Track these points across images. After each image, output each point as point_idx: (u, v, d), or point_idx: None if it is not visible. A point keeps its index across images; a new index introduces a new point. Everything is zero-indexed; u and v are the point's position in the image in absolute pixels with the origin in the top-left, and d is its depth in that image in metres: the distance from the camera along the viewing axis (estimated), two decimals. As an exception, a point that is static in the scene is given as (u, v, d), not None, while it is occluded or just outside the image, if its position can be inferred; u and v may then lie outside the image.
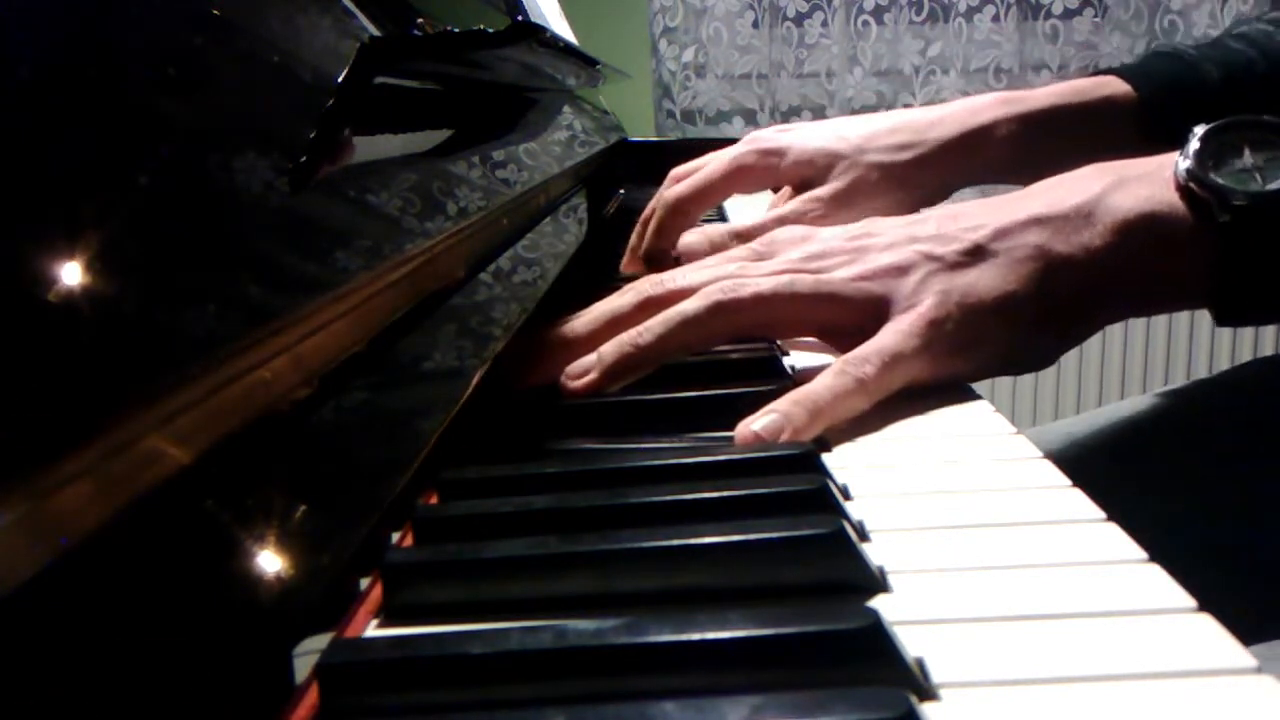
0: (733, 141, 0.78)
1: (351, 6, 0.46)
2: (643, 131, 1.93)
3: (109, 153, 0.27)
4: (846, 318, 0.45)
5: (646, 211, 0.77)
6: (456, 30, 0.57)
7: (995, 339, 0.44)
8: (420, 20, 0.53)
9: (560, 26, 1.15)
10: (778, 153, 0.71)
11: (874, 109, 1.97)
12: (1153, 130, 0.64)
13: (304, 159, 0.35)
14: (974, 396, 0.45)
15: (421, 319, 0.43)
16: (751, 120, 1.99)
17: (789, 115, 1.98)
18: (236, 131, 0.34)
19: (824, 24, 1.96)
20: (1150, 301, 0.47)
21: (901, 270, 0.45)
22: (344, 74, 0.40)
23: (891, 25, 1.95)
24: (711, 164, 0.73)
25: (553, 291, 0.57)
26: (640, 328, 0.45)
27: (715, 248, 0.65)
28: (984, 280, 0.44)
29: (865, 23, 1.96)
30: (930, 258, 0.45)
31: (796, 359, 0.52)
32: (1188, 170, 0.43)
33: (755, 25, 1.99)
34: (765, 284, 0.45)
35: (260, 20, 0.39)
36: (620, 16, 1.99)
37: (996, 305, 0.43)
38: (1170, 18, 1.91)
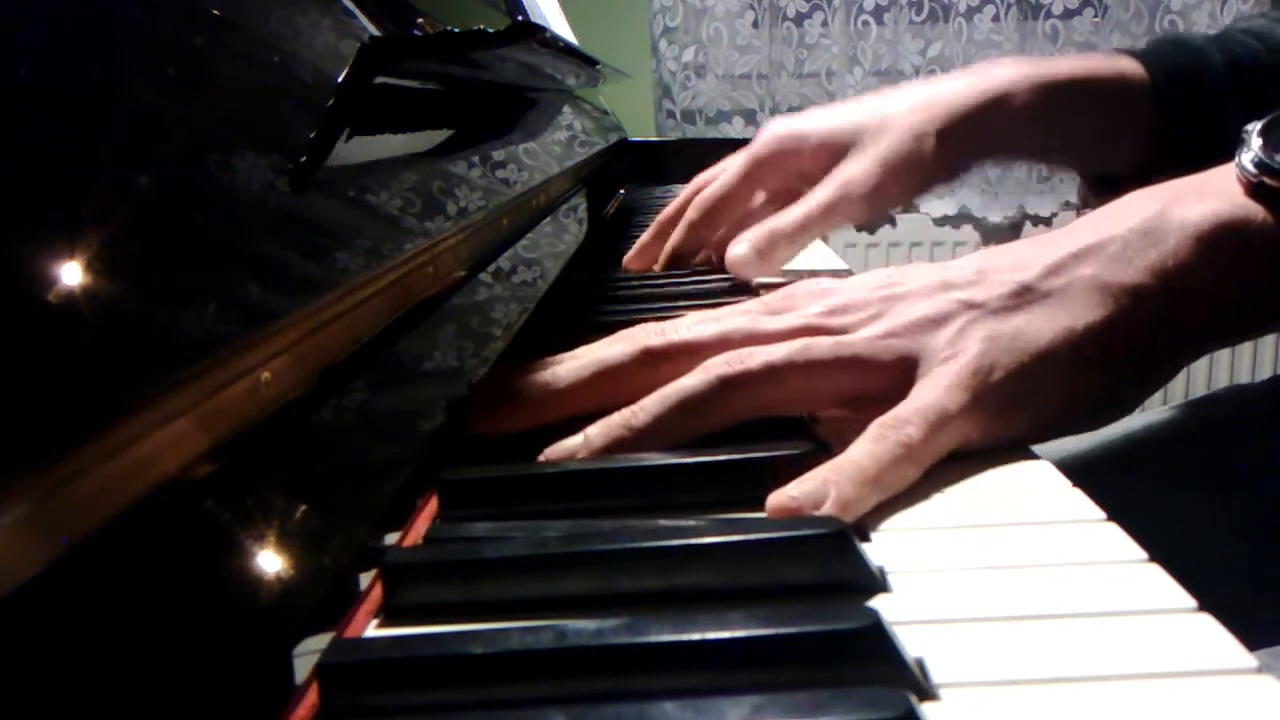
0: (734, 142, 0.77)
1: (351, 6, 0.46)
2: (643, 131, 1.93)
3: (109, 153, 0.27)
4: (873, 383, 0.39)
5: (667, 211, 0.75)
6: (456, 30, 0.57)
7: (1056, 389, 0.38)
8: (420, 20, 0.53)
9: (560, 26, 1.15)
10: (798, 138, 0.67)
11: (874, 109, 1.97)
12: (1164, 111, 0.62)
13: (304, 159, 0.35)
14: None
15: (422, 319, 0.43)
16: (751, 120, 1.99)
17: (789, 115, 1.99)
18: (236, 131, 0.34)
19: (824, 24, 1.96)
20: (1239, 324, 0.41)
21: (936, 322, 0.39)
22: (344, 74, 0.40)
23: (891, 25, 1.95)
24: (733, 164, 0.70)
25: (553, 291, 0.58)
26: (634, 408, 0.39)
27: (760, 251, 0.63)
28: (1035, 323, 0.38)
29: (865, 23, 1.96)
30: (970, 305, 0.39)
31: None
32: (1257, 163, 0.38)
33: (755, 25, 1.99)
34: (777, 352, 0.38)
35: (260, 20, 0.39)
36: (620, 16, 1.99)
37: (1053, 350, 0.37)
38: (1170, 18, 1.91)
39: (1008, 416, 0.37)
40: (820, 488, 0.33)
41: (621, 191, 1.26)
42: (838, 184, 0.64)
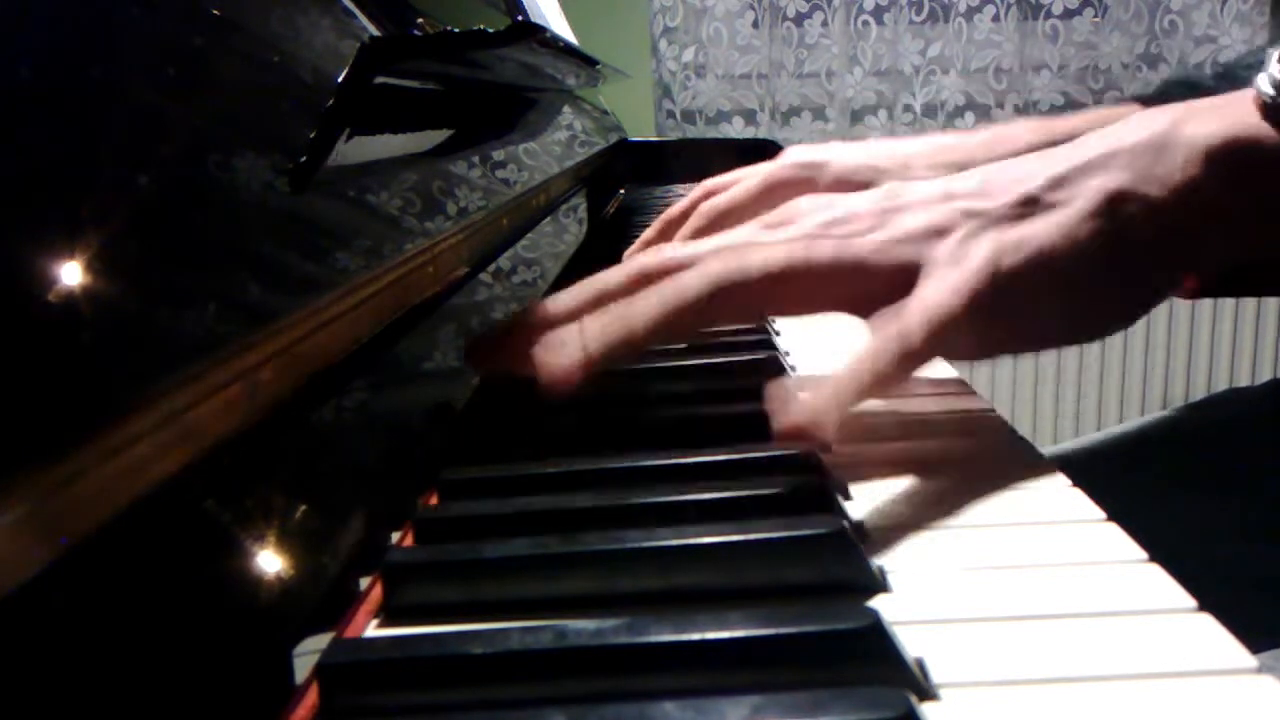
0: (733, 142, 0.78)
1: (351, 6, 0.46)
2: (643, 131, 1.93)
3: (109, 153, 0.27)
4: (874, 288, 0.39)
5: (673, 210, 0.76)
6: (456, 30, 0.57)
7: (1060, 298, 0.38)
8: (420, 20, 0.53)
9: (560, 26, 1.15)
10: (816, 166, 0.69)
11: (874, 109, 1.97)
12: None
13: (304, 159, 0.35)
14: (970, 392, 0.45)
15: (421, 319, 0.43)
16: (751, 120, 1.99)
17: (789, 115, 1.99)
18: (237, 131, 0.34)
19: (824, 24, 1.96)
20: (1246, 239, 0.40)
21: (939, 231, 0.39)
22: (344, 74, 0.40)
23: (891, 25, 1.95)
24: (748, 178, 0.72)
25: (553, 291, 0.57)
26: (628, 301, 0.39)
27: None
28: (1039, 232, 0.38)
29: (865, 23, 1.96)
30: (973, 214, 0.39)
31: (794, 350, 0.52)
32: (1275, 83, 0.38)
33: (755, 25, 1.99)
34: (777, 253, 0.39)
35: (260, 20, 0.39)
36: (620, 16, 1.99)
37: (1059, 258, 0.37)
38: (1170, 18, 1.91)
39: (1009, 324, 0.38)
40: (823, 403, 0.34)
41: (621, 191, 1.26)
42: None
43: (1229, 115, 0.39)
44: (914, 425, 0.42)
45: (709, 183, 0.75)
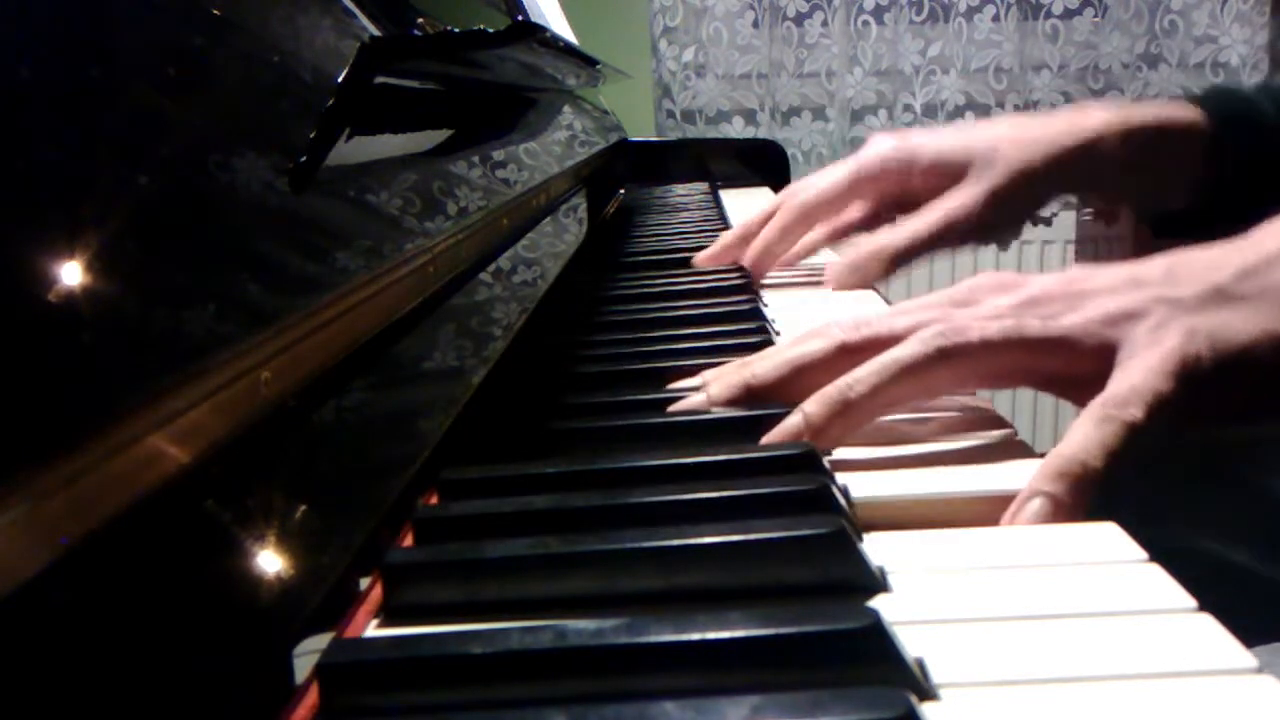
0: (734, 142, 0.79)
1: (351, 6, 0.46)
2: (643, 131, 1.93)
3: (109, 153, 0.27)
4: (1080, 365, 0.39)
5: (753, 219, 0.76)
6: (456, 30, 0.57)
7: (1259, 387, 0.38)
8: (420, 20, 0.53)
9: (560, 26, 1.15)
10: (908, 156, 0.69)
11: (874, 109, 1.97)
12: (1223, 156, 0.66)
13: (304, 159, 0.35)
14: (972, 394, 0.45)
15: (421, 319, 0.43)
16: (751, 120, 1.99)
17: (789, 115, 1.99)
18: (237, 131, 0.34)
19: (824, 24, 1.96)
20: None
21: (1133, 315, 0.39)
22: (344, 74, 0.40)
23: (891, 25, 1.95)
24: (833, 171, 0.73)
25: (553, 291, 0.58)
26: (849, 378, 0.39)
27: (858, 270, 0.67)
28: (1234, 323, 0.38)
29: (865, 23, 1.96)
30: (1165, 301, 0.39)
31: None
32: None
33: (755, 25, 1.99)
34: (992, 328, 0.39)
35: (260, 20, 0.39)
36: (620, 16, 1.99)
37: (1254, 348, 0.38)
38: (1170, 18, 1.91)
39: (1214, 403, 0.38)
40: (1049, 504, 0.34)
41: (621, 191, 1.26)
42: (945, 212, 0.66)
43: None
44: (916, 426, 0.42)
45: (789, 189, 0.76)
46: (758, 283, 0.72)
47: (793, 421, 0.39)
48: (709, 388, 0.43)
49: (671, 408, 0.43)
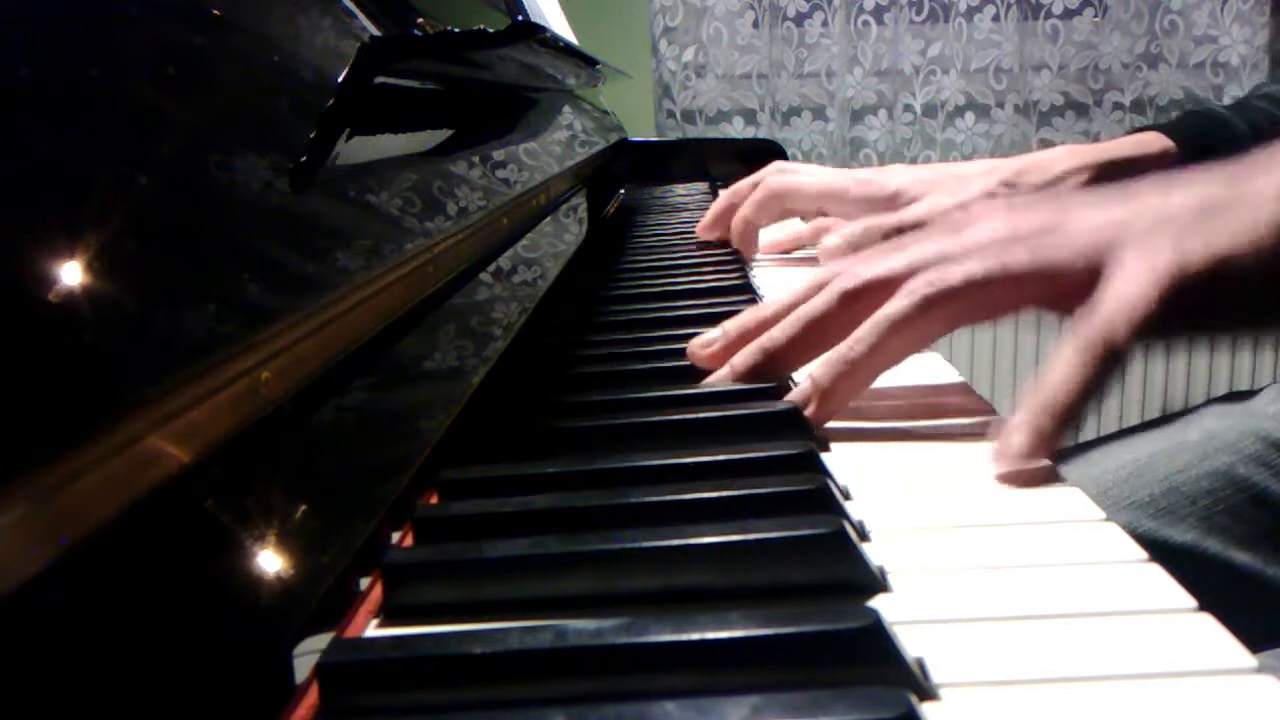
0: (733, 142, 0.82)
1: (351, 6, 0.46)
2: (643, 131, 1.93)
3: (109, 153, 0.27)
4: (1069, 286, 0.40)
5: (741, 185, 0.82)
6: (456, 30, 0.57)
7: (1246, 288, 0.38)
8: (420, 20, 0.53)
9: (560, 26, 1.15)
10: (886, 193, 0.73)
11: (874, 109, 1.97)
12: None
13: (304, 159, 0.35)
14: (972, 394, 0.45)
15: (422, 319, 0.43)
16: (751, 120, 1.99)
17: (789, 115, 1.98)
18: (237, 131, 0.34)
19: (824, 24, 1.96)
20: None
21: (1123, 225, 0.40)
22: (344, 74, 0.40)
23: (891, 25, 1.95)
24: (818, 174, 0.78)
25: (553, 291, 0.57)
26: (849, 342, 0.41)
27: (855, 247, 0.68)
28: (1226, 225, 0.38)
29: (865, 23, 1.96)
30: (1154, 209, 0.40)
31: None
32: None
33: (755, 25, 1.99)
34: (975, 267, 0.40)
35: (260, 20, 0.39)
36: (620, 16, 1.99)
37: (1246, 250, 0.38)
38: (1170, 18, 1.91)
39: (1202, 307, 0.38)
40: (1031, 437, 0.36)
41: (621, 191, 1.26)
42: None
43: None
44: (916, 427, 0.42)
45: (780, 164, 0.82)
46: (752, 280, 0.72)
47: (803, 388, 0.42)
48: (732, 363, 0.45)
49: (701, 384, 0.45)
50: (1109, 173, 0.69)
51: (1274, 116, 0.71)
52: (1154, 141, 0.71)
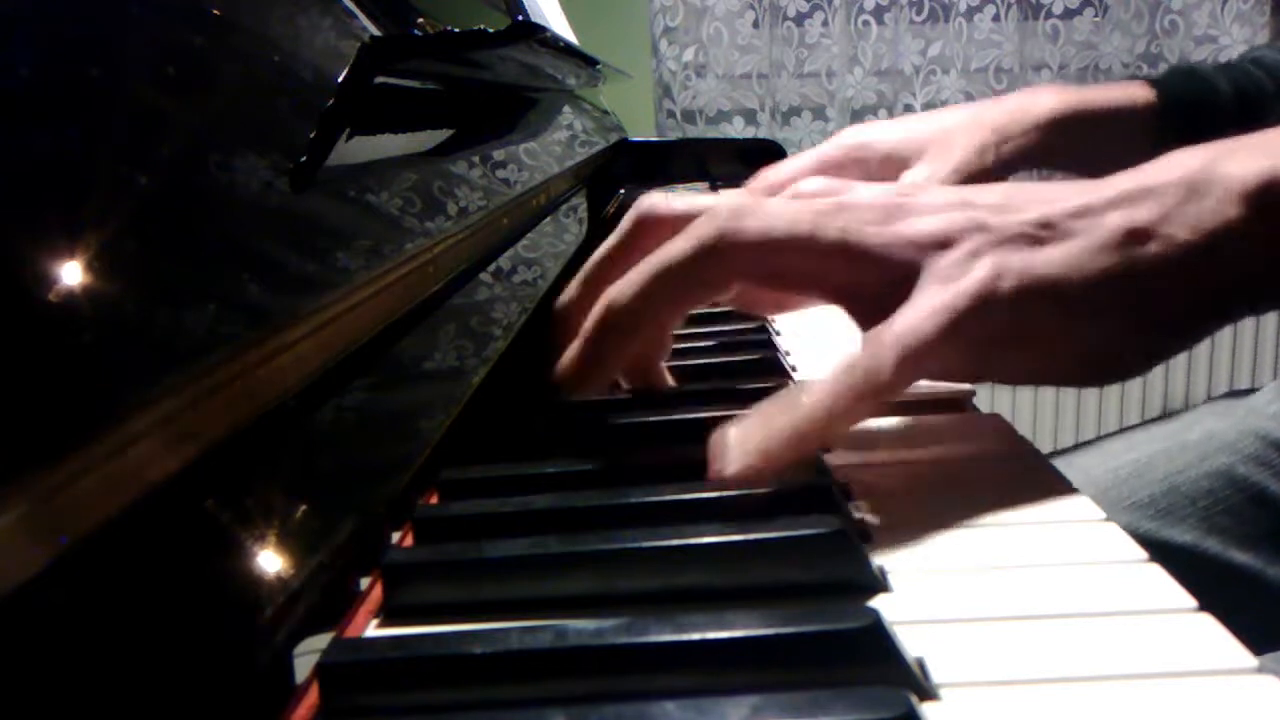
0: (734, 142, 0.81)
1: (351, 6, 0.46)
2: (643, 131, 1.93)
3: (109, 153, 0.27)
4: (869, 281, 0.36)
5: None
6: (456, 30, 0.57)
7: (1058, 336, 0.35)
8: (420, 20, 0.53)
9: (560, 26, 1.15)
10: (863, 147, 0.71)
11: (874, 109, 1.97)
12: (1169, 134, 0.67)
13: (304, 159, 0.35)
14: (972, 394, 0.45)
15: (421, 319, 0.43)
16: (752, 120, 1.99)
17: (789, 115, 1.98)
18: (237, 131, 0.34)
19: (824, 24, 1.96)
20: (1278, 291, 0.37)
21: (944, 241, 0.36)
22: (344, 74, 0.40)
23: (891, 25, 1.95)
24: (801, 157, 0.75)
25: (553, 291, 0.57)
26: (617, 285, 0.37)
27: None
28: (1053, 261, 0.35)
29: (865, 23, 1.96)
30: (983, 228, 0.36)
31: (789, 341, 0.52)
32: None
33: (755, 25, 1.99)
34: (779, 220, 0.36)
35: (260, 20, 0.39)
36: (620, 16, 1.99)
37: (1067, 291, 0.34)
38: (1170, 18, 1.91)
39: (996, 355, 0.35)
40: (765, 435, 0.33)
41: (621, 191, 1.26)
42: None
43: (1267, 152, 0.35)
44: (916, 427, 0.42)
45: (763, 172, 0.78)
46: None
47: (571, 350, 0.39)
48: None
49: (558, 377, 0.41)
50: (1091, 118, 0.68)
51: (1259, 82, 0.70)
52: (1139, 93, 0.70)
